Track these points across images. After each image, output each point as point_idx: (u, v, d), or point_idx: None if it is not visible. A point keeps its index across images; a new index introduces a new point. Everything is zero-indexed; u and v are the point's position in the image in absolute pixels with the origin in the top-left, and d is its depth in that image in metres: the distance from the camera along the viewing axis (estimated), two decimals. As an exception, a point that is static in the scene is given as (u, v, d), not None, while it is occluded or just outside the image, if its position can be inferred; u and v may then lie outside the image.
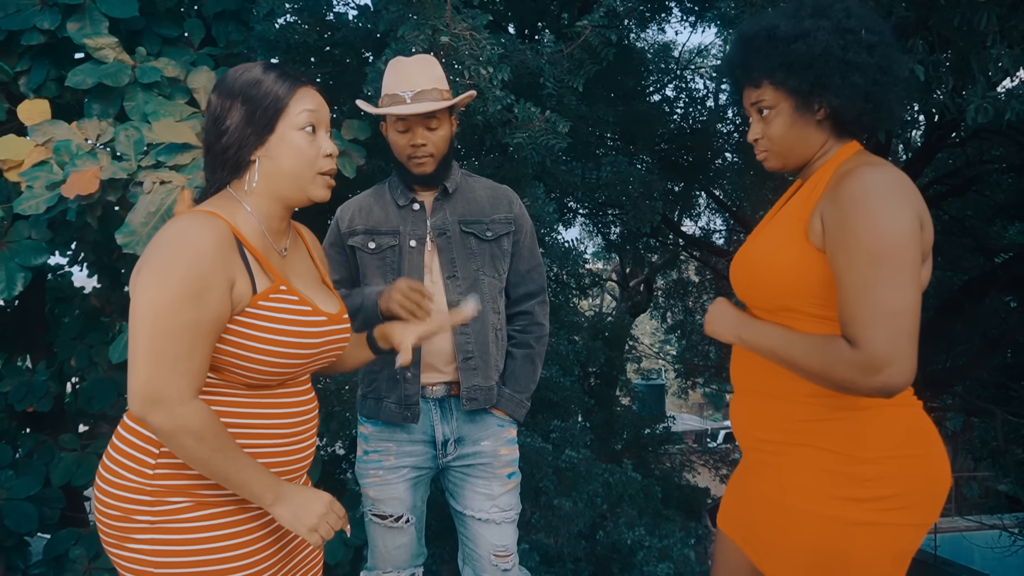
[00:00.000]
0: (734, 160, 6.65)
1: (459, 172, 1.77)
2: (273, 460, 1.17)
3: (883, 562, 1.10)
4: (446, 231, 1.69)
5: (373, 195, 1.76)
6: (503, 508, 1.73)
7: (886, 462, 1.09)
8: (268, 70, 1.15)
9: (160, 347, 1.02)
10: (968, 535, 10.35)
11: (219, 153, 1.14)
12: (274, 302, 1.13)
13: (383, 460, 1.72)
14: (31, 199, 2.08)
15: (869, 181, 1.06)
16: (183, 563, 1.09)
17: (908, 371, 1.01)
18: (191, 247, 1.04)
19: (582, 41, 2.53)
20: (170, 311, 1.02)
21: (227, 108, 1.13)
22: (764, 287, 1.19)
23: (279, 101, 1.13)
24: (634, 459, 5.77)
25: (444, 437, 1.71)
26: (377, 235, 1.70)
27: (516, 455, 1.79)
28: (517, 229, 1.76)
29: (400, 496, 1.72)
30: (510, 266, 1.77)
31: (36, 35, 2.44)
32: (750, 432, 1.24)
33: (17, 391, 3.25)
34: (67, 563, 2.95)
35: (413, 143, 1.63)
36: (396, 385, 1.68)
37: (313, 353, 1.18)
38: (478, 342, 1.68)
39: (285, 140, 1.14)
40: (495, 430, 1.74)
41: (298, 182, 1.17)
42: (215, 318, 1.06)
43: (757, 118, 1.22)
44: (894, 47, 1.15)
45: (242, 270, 1.10)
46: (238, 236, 1.12)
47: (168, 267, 1.03)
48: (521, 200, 1.83)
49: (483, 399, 1.69)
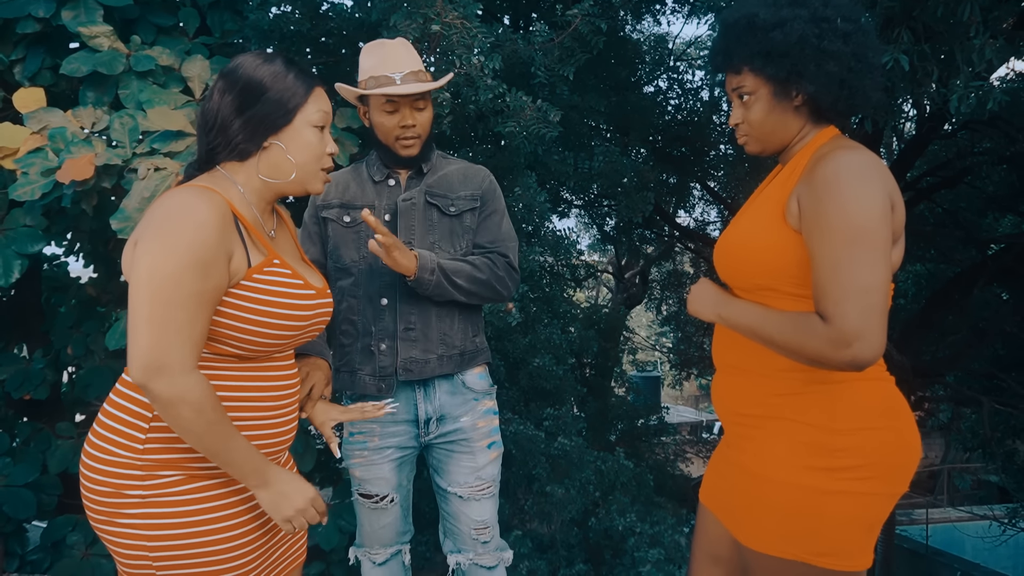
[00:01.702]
0: (728, 151, 6.68)
1: (435, 151, 1.79)
2: (259, 433, 1.20)
3: (854, 529, 1.13)
4: (411, 199, 1.71)
5: (351, 172, 1.79)
6: (486, 480, 1.76)
7: (857, 433, 1.13)
8: (289, 65, 1.21)
9: (163, 315, 1.04)
10: (959, 525, 10.45)
11: (230, 137, 1.18)
12: (268, 275, 1.16)
13: (367, 441, 1.75)
14: (26, 185, 2.10)
15: (842, 164, 1.10)
16: (175, 535, 1.11)
17: (877, 345, 1.04)
18: (194, 218, 1.07)
19: (572, 30, 2.56)
20: (174, 280, 1.04)
21: (246, 95, 1.17)
22: (744, 267, 1.22)
23: (299, 97, 1.20)
24: (627, 449, 5.82)
25: (427, 415, 1.73)
26: (352, 209, 1.72)
27: (494, 425, 1.80)
28: (483, 205, 1.76)
29: (385, 476, 1.75)
30: (473, 241, 1.76)
31: (31, 23, 2.45)
32: (730, 407, 1.28)
33: (14, 379, 3.27)
34: (64, 549, 2.98)
35: (403, 124, 1.65)
36: (370, 357, 1.70)
37: (303, 325, 1.21)
38: (420, 314, 1.69)
39: (300, 134, 1.21)
40: (471, 404, 1.76)
41: (302, 175, 1.23)
42: (216, 288, 1.09)
43: (738, 103, 1.26)
44: (870, 35, 1.18)
45: (238, 244, 1.14)
46: (234, 211, 1.15)
47: (172, 236, 1.06)
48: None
49: (418, 371, 1.69)
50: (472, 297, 1.71)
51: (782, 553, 1.16)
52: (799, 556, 1.15)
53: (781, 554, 1.16)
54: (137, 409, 1.13)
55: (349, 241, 1.72)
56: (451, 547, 1.82)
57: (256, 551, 1.19)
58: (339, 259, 1.73)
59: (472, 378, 1.77)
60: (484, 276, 1.70)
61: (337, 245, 1.73)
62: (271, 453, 1.23)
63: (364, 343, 1.70)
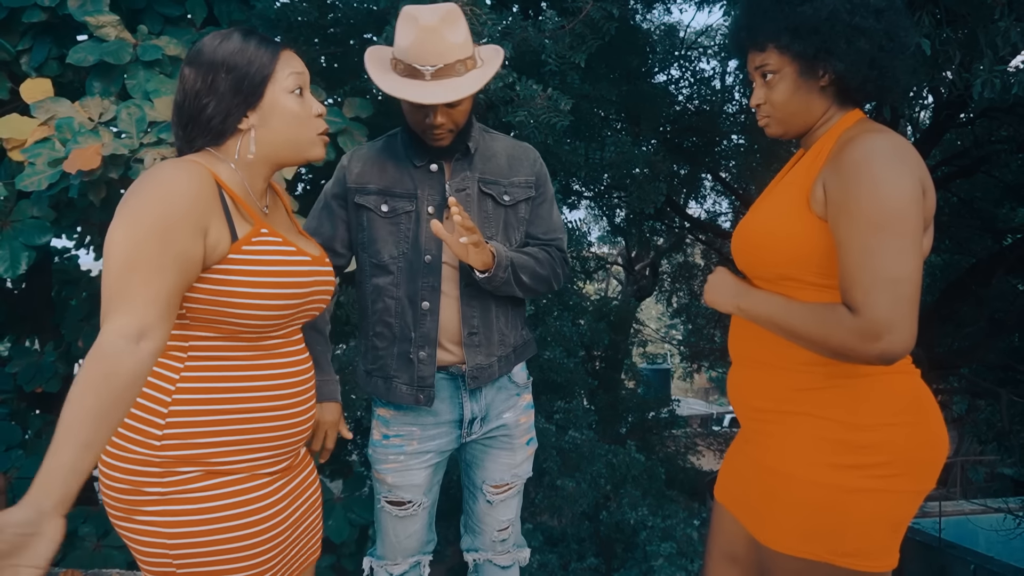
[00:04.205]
0: (740, 142, 6.61)
1: (478, 129, 1.58)
2: (274, 424, 1.17)
3: (879, 528, 1.09)
4: (465, 188, 1.53)
5: (386, 149, 1.56)
6: (521, 477, 1.69)
7: (882, 429, 1.09)
8: (247, 37, 1.15)
9: (127, 278, 0.99)
10: (973, 518, 10.37)
11: (203, 123, 1.13)
12: (257, 246, 1.12)
13: (405, 445, 1.59)
14: (33, 175, 2.08)
15: (872, 147, 1.05)
16: (195, 532, 1.09)
17: (908, 337, 1.00)
18: (163, 188, 1.03)
19: (584, 16, 2.51)
20: (137, 243, 1.00)
21: (210, 79, 1.12)
22: (765, 256, 1.18)
23: (265, 67, 1.13)
24: (638, 442, 5.79)
25: (472, 415, 1.59)
26: (392, 197, 1.52)
27: (532, 420, 1.71)
28: (537, 193, 1.60)
29: (419, 482, 1.61)
30: (525, 233, 1.61)
31: (37, 12, 2.43)
32: (747, 402, 1.23)
33: (26, 372, 3.29)
34: (76, 541, 2.99)
35: (430, 123, 1.43)
36: (408, 366, 1.54)
37: (302, 294, 1.16)
38: (483, 316, 1.56)
39: (278, 105, 1.14)
40: (515, 400, 1.65)
41: (296, 146, 1.18)
42: (182, 254, 1.02)
43: (760, 83, 1.20)
44: (903, 14, 1.13)
45: (220, 217, 1.09)
46: (220, 183, 1.11)
47: (139, 207, 1.02)
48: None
49: (484, 378, 1.57)
50: (529, 292, 1.57)
51: (803, 553, 1.12)
52: (822, 556, 1.11)
53: (802, 554, 1.12)
54: (152, 405, 1.10)
55: (387, 234, 1.52)
56: (469, 544, 1.76)
57: (276, 547, 1.17)
58: (376, 254, 1.54)
59: (517, 370, 1.66)
60: (545, 272, 1.57)
61: (374, 238, 1.53)
62: (289, 441, 1.19)
63: (402, 349, 1.54)
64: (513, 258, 1.49)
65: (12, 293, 3.66)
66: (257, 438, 1.15)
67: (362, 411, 4.44)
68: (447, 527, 3.94)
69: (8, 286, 3.74)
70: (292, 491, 1.22)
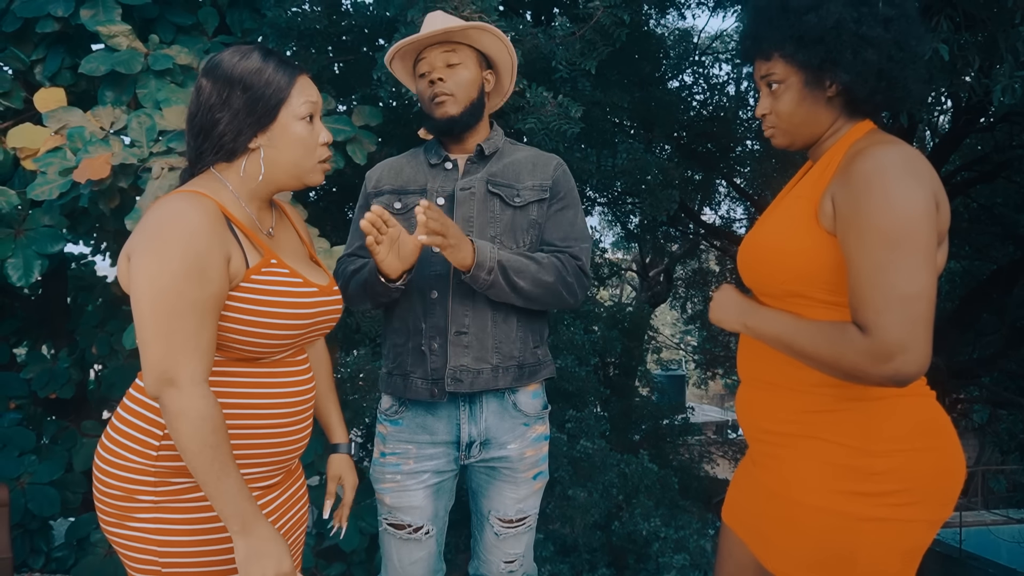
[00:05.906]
0: (755, 147, 6.55)
1: (501, 136, 1.62)
2: (272, 440, 1.18)
3: (891, 559, 1.05)
4: (470, 187, 1.53)
5: (407, 156, 1.64)
6: (527, 512, 1.62)
7: (896, 455, 1.05)
8: (267, 57, 1.15)
9: (168, 326, 1.02)
10: (994, 529, 10.16)
11: (215, 139, 1.14)
12: (266, 275, 1.14)
13: (401, 464, 1.57)
14: (44, 184, 2.10)
15: (883, 160, 1.02)
16: (184, 542, 1.11)
17: (922, 359, 0.96)
18: (185, 225, 1.04)
19: (594, 22, 2.49)
20: (174, 291, 1.02)
21: (225, 94, 1.13)
22: (772, 272, 1.15)
23: (281, 91, 1.14)
24: (652, 450, 5.74)
25: (470, 439, 1.55)
26: (404, 194, 1.57)
27: (543, 453, 1.63)
28: (553, 197, 1.56)
29: (420, 504, 1.56)
30: (540, 237, 1.56)
31: (50, 23, 2.46)
32: (756, 423, 1.20)
33: (40, 378, 3.31)
34: (88, 546, 3.00)
35: (431, 79, 1.51)
36: (422, 359, 1.53)
37: (306, 324, 1.18)
38: (475, 315, 1.51)
39: (288, 130, 1.16)
40: (521, 430, 1.57)
41: (297, 171, 1.20)
42: (217, 294, 1.06)
43: (766, 92, 1.17)
44: (914, 22, 1.09)
45: (235, 245, 1.11)
46: (226, 214, 1.12)
47: (164, 246, 1.03)
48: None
49: (468, 383, 1.50)
50: (532, 302, 1.50)
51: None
52: None
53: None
54: (151, 416, 1.12)
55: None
56: (476, 570, 1.70)
57: None
58: None
59: (524, 398, 1.58)
60: (550, 279, 1.49)
61: None
62: (284, 458, 1.21)
63: (416, 343, 1.53)
64: (505, 260, 1.44)
65: (29, 299, 3.69)
66: (253, 454, 1.16)
67: (370, 417, 4.44)
68: (456, 536, 3.92)
69: (25, 292, 3.78)
70: (280, 505, 1.23)
